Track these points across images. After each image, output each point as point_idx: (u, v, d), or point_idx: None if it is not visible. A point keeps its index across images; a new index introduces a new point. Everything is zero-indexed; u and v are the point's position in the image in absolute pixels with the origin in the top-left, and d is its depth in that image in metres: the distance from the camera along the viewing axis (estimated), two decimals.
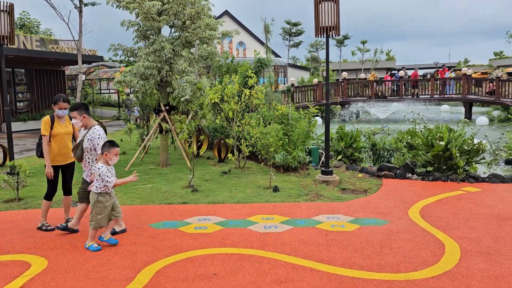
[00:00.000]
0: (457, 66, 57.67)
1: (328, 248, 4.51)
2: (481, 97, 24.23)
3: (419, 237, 4.79)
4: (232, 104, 8.68)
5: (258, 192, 7.18)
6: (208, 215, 5.84)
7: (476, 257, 4.19)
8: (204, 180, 8.18)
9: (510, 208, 5.90)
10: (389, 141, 9.92)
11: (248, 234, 5.00)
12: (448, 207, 6.00)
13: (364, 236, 4.85)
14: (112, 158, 4.63)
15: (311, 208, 6.12)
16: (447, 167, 7.91)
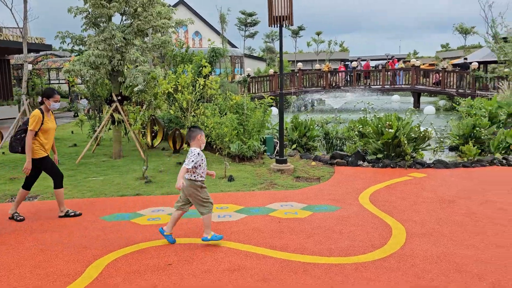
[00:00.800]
0: (407, 57, 59.81)
1: (281, 235, 4.58)
2: (428, 88, 25.32)
3: (368, 221, 4.97)
4: (186, 94, 8.56)
5: (213, 182, 7.16)
6: (162, 206, 5.77)
7: (420, 238, 4.40)
8: (159, 171, 8.05)
9: (452, 191, 6.24)
10: (341, 130, 10.18)
11: (201, 224, 4.96)
12: (396, 192, 6.26)
13: (316, 222, 4.96)
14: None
15: (265, 196, 6.19)
16: (396, 154, 8.24)
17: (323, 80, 26.63)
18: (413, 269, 3.69)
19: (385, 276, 3.57)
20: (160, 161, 9.07)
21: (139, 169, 8.17)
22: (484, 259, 3.85)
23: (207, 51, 11.92)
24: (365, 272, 3.63)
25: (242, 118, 8.99)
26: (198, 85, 8.72)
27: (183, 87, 8.62)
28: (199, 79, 8.62)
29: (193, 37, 39.10)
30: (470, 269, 3.66)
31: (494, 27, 20.64)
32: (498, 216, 5.05)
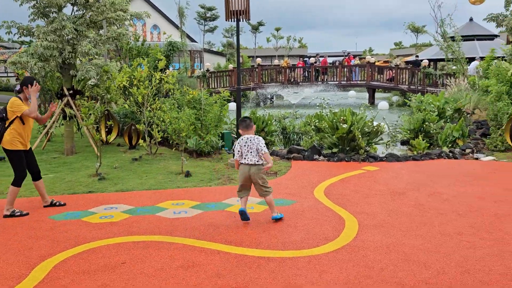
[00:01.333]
0: (363, 54, 61.55)
1: (236, 230, 4.58)
2: (382, 84, 26.13)
3: (322, 214, 5.07)
4: (142, 88, 8.35)
5: (170, 178, 7.05)
6: (115, 203, 5.61)
7: (371, 230, 4.54)
8: (113, 167, 7.83)
9: (402, 184, 6.47)
10: (298, 125, 10.30)
11: (156, 221, 4.89)
12: (349, 185, 6.41)
13: (265, 216, 4.99)
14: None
15: (222, 191, 6.16)
16: (350, 148, 8.45)
17: (282, 76, 26.85)
18: (364, 259, 3.80)
19: (337, 267, 3.65)
20: (115, 157, 8.82)
21: (92, 166, 7.91)
22: (430, 248, 4.03)
23: (164, 45, 11.68)
24: (318, 265, 3.70)
25: (200, 113, 8.90)
26: (154, 79, 8.54)
27: (139, 81, 8.41)
28: (155, 73, 8.44)
29: (151, 31, 38.22)
30: (417, 258, 3.82)
31: (443, 26, 21.52)
32: (443, 207, 5.29)
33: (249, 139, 4.80)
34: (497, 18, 11.11)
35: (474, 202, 5.47)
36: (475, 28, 29.72)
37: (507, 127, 9.15)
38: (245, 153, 4.78)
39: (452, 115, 11.92)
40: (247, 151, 4.78)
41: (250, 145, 4.77)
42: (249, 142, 4.79)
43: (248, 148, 4.77)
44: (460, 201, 5.54)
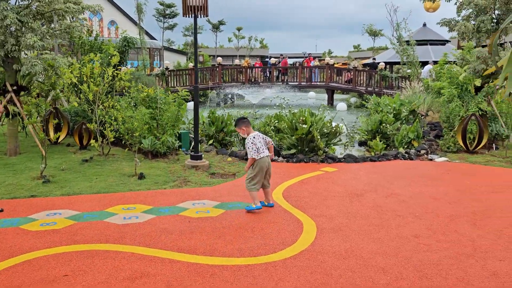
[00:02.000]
0: (322, 56, 62.64)
1: (191, 236, 4.34)
2: (341, 85, 26.54)
3: (281, 218, 4.92)
4: (92, 85, 7.90)
5: (122, 181, 6.69)
6: (59, 208, 5.21)
7: (330, 233, 4.43)
8: (60, 169, 7.34)
9: (360, 185, 6.45)
10: (257, 125, 10.15)
11: (104, 227, 4.56)
12: (308, 187, 6.32)
13: (228, 221, 4.80)
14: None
15: (177, 194, 5.89)
16: (310, 149, 8.39)
17: (242, 76, 26.69)
18: (322, 266, 3.68)
19: (294, 275, 3.50)
20: (64, 158, 8.31)
21: (37, 168, 7.39)
22: (388, 252, 3.96)
23: (119, 40, 11.18)
24: (275, 272, 3.53)
25: (156, 112, 8.54)
26: (106, 76, 8.10)
27: (89, 77, 7.94)
28: (108, 70, 8.00)
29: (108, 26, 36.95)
30: (375, 263, 3.73)
31: (399, 30, 22.12)
32: (400, 209, 5.29)
33: (259, 135, 5.32)
34: (449, 23, 11.45)
35: (430, 203, 5.51)
36: (428, 33, 30.86)
37: (459, 129, 9.42)
38: (262, 148, 5.21)
39: (407, 117, 12.20)
40: (263, 145, 5.24)
41: (261, 139, 5.27)
42: (261, 137, 5.30)
43: (264, 142, 5.28)
44: (416, 202, 5.57)
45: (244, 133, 5.32)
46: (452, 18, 11.55)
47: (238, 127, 5.39)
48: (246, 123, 5.36)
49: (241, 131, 5.36)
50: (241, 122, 5.38)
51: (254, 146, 5.18)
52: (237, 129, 5.45)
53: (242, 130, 5.33)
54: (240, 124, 5.37)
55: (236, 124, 5.45)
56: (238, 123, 5.41)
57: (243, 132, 5.34)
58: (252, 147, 5.17)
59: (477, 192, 6.08)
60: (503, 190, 6.20)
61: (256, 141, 5.21)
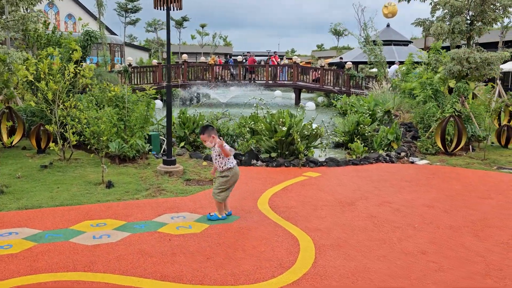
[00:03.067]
0: (286, 55, 62.90)
1: (174, 259, 3.79)
2: (308, 84, 26.41)
3: (272, 233, 4.45)
4: (51, 83, 7.10)
5: (88, 190, 6.00)
6: (16, 226, 4.49)
7: (330, 251, 4.00)
8: (16, 177, 6.53)
9: (348, 192, 6.09)
10: (232, 126, 9.64)
11: (70, 250, 3.92)
12: (294, 195, 5.88)
13: (214, 238, 4.27)
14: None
15: (152, 206, 5.29)
16: (290, 152, 7.97)
17: (208, 73, 26.01)
18: None
19: None
20: (19, 163, 7.46)
21: None
22: (399, 274, 3.57)
23: (81, 34, 10.31)
24: None
25: (123, 113, 7.84)
26: (67, 72, 7.32)
27: (48, 74, 7.14)
28: (69, 66, 7.23)
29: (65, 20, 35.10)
30: (389, 285, 3.34)
31: (366, 30, 22.19)
32: (397, 219, 4.95)
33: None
34: (423, 23, 11.38)
35: (425, 212, 5.21)
36: (392, 34, 31.37)
37: (437, 130, 9.30)
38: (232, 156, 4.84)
39: (382, 117, 12.07)
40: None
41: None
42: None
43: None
44: (411, 211, 5.25)
45: (212, 142, 4.73)
46: (426, 18, 11.50)
47: (207, 134, 4.74)
48: (213, 131, 4.80)
49: (210, 140, 4.74)
50: (210, 129, 4.78)
51: (230, 148, 4.74)
52: (205, 137, 4.76)
53: (212, 138, 4.73)
54: (210, 131, 4.75)
55: (204, 131, 4.77)
56: (207, 130, 4.77)
57: (211, 141, 4.73)
58: (230, 148, 4.73)
59: (467, 198, 5.86)
60: (492, 196, 6.01)
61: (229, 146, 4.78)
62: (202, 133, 4.78)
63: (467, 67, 10.09)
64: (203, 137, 4.78)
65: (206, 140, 4.77)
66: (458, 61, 10.14)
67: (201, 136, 4.81)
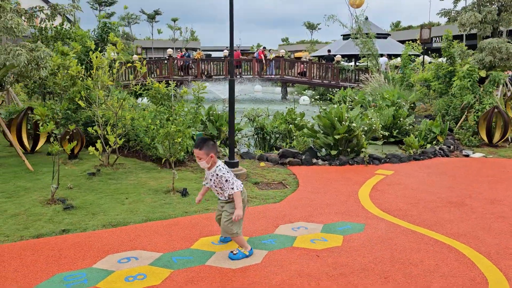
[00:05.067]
0: (250, 49, 62.83)
1: (348, 280, 3.23)
2: (296, 78, 26.08)
3: (419, 241, 3.98)
4: (105, 78, 6.25)
5: (163, 199, 5.29)
6: (126, 250, 3.77)
7: (506, 261, 3.58)
8: (68, 188, 5.70)
9: (444, 190, 5.70)
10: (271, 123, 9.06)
11: (220, 276, 3.28)
12: (392, 196, 5.44)
13: (366, 252, 3.75)
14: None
15: (255, 216, 4.68)
16: (351, 150, 7.52)
17: (194, 69, 25.11)
18: None
19: None
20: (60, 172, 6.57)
21: (34, 187, 5.71)
22: None
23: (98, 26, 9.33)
24: None
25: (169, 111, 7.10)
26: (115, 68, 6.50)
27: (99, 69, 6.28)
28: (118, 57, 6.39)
29: None
30: None
31: (358, 23, 22.08)
32: None
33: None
34: (449, 13, 11.26)
35: None
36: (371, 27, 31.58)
37: (482, 122, 9.14)
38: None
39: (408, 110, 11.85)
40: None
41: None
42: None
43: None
44: None
45: (209, 162, 3.61)
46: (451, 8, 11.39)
47: (205, 151, 3.55)
48: (216, 148, 3.67)
49: (207, 160, 3.58)
50: (211, 145, 3.60)
51: (231, 174, 3.69)
52: (201, 154, 3.56)
53: (210, 157, 3.59)
54: (210, 148, 3.58)
55: (201, 146, 3.56)
56: (206, 145, 3.57)
57: (208, 161, 3.59)
58: (232, 176, 3.66)
59: None
60: None
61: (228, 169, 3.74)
62: (198, 147, 3.56)
63: (498, 57, 10.02)
64: (199, 153, 3.56)
65: (202, 158, 3.57)
66: (490, 51, 10.05)
67: (197, 151, 3.57)
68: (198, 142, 3.59)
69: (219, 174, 3.61)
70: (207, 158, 3.58)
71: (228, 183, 3.59)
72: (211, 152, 3.58)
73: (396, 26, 56.64)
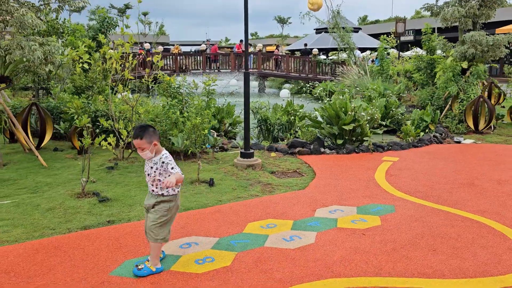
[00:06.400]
0: (218, 43, 62.75)
1: (400, 254, 3.52)
2: (274, 72, 26.37)
3: (452, 219, 4.33)
4: (126, 72, 6.27)
5: (192, 190, 5.42)
6: (181, 236, 3.91)
7: None
8: (91, 182, 5.72)
9: (452, 173, 6.12)
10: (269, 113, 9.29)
11: (283, 256, 3.49)
12: (408, 180, 5.80)
13: (406, 230, 4.05)
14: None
15: (290, 202, 4.90)
16: (355, 139, 7.86)
17: (172, 63, 24.91)
18: None
19: None
20: (71, 167, 6.56)
21: (55, 182, 5.71)
22: None
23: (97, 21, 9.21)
24: None
25: (182, 105, 7.20)
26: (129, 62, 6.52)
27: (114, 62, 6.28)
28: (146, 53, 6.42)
29: None
30: None
31: (335, 17, 22.57)
32: None
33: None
34: (432, 8, 11.79)
35: None
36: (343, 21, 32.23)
37: (469, 111, 9.71)
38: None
39: None
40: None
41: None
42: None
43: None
44: None
45: (153, 151, 3.22)
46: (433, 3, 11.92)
47: (147, 140, 3.16)
48: (158, 135, 3.28)
49: (151, 148, 3.19)
50: (152, 132, 3.20)
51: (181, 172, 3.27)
52: (143, 143, 3.15)
53: (154, 145, 3.20)
54: (151, 136, 3.18)
55: (142, 134, 3.15)
56: (147, 133, 3.16)
57: (152, 150, 3.21)
58: (175, 164, 3.28)
59: None
60: None
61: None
62: (139, 137, 3.15)
63: (480, 50, 10.62)
64: (140, 143, 3.16)
65: (145, 148, 3.18)
66: (472, 44, 10.64)
67: (138, 142, 3.16)
68: (137, 132, 3.17)
69: (165, 162, 3.22)
70: (151, 147, 3.19)
71: (174, 170, 3.20)
72: (153, 139, 3.18)
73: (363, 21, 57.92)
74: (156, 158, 3.24)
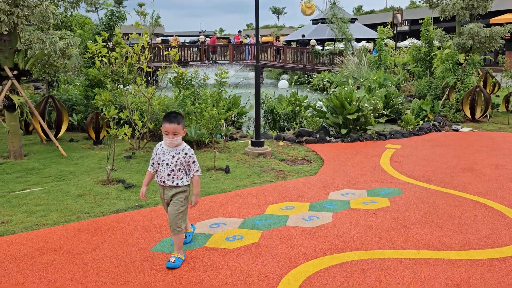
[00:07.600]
0: (213, 33, 62.66)
1: (412, 230, 3.89)
2: (272, 63, 26.61)
3: (455, 200, 4.71)
4: (145, 66, 6.56)
5: (210, 176, 5.76)
6: (209, 218, 4.26)
7: None
8: (113, 170, 6.02)
9: (453, 159, 6.49)
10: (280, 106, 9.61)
11: (305, 234, 3.84)
12: (412, 166, 6.16)
13: (414, 210, 4.42)
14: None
15: (306, 186, 5.26)
16: (360, 128, 8.21)
17: None
18: None
19: None
20: (90, 156, 6.86)
21: (78, 171, 6.02)
22: None
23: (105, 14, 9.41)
24: None
25: (194, 96, 7.50)
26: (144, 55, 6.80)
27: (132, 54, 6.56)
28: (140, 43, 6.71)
29: None
30: None
31: (333, 8, 22.80)
32: None
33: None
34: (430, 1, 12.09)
35: None
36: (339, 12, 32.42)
37: (466, 100, 10.08)
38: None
39: None
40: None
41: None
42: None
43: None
44: None
45: (179, 138, 3.24)
46: None
47: (182, 124, 3.21)
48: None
49: (179, 135, 3.21)
50: (184, 120, 3.26)
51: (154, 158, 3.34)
52: (179, 128, 3.17)
53: (184, 132, 3.26)
54: (184, 122, 3.24)
55: (180, 120, 3.18)
56: (183, 119, 3.23)
57: (179, 136, 3.22)
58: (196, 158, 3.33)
59: None
60: None
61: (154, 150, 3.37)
62: (175, 122, 3.14)
63: (477, 41, 10.97)
64: (176, 128, 3.15)
65: (179, 133, 3.19)
66: (470, 36, 10.99)
67: (174, 126, 3.14)
68: (174, 116, 3.15)
69: (188, 154, 3.22)
70: (181, 133, 3.19)
71: (195, 165, 3.24)
72: (184, 126, 3.23)
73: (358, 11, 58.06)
74: (179, 148, 3.22)
